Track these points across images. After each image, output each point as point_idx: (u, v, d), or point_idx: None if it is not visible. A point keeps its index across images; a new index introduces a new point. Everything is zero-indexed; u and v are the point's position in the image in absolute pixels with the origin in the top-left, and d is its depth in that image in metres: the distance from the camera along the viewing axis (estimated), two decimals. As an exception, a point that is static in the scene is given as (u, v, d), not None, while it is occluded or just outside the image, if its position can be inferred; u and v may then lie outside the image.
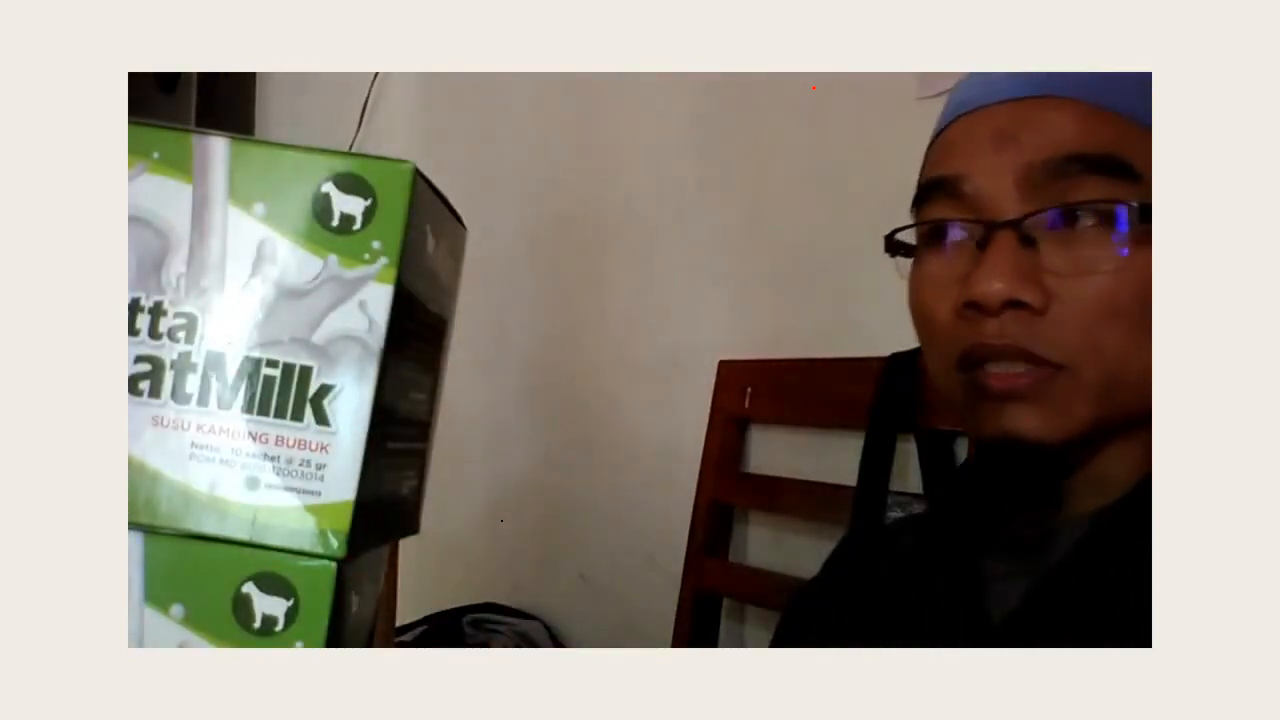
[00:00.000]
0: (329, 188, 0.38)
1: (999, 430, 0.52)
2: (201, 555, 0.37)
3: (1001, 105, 0.54)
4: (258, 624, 0.37)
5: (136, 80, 0.41)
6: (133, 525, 0.37)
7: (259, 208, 0.38)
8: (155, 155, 0.38)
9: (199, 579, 0.37)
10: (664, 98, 1.37)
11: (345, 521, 0.37)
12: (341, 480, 0.37)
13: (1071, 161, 0.51)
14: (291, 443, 0.37)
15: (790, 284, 1.21)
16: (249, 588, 0.37)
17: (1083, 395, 0.51)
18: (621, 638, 1.36)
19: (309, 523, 0.37)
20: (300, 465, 0.37)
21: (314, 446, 0.37)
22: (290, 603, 0.37)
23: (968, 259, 0.53)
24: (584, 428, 1.47)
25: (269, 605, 0.37)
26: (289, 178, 0.38)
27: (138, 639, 0.37)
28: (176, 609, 0.37)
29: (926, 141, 0.59)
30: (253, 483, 0.37)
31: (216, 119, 1.82)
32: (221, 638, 0.37)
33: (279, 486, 0.37)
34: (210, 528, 0.37)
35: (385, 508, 0.41)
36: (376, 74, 1.72)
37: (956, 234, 0.55)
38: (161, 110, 1.71)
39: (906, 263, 0.58)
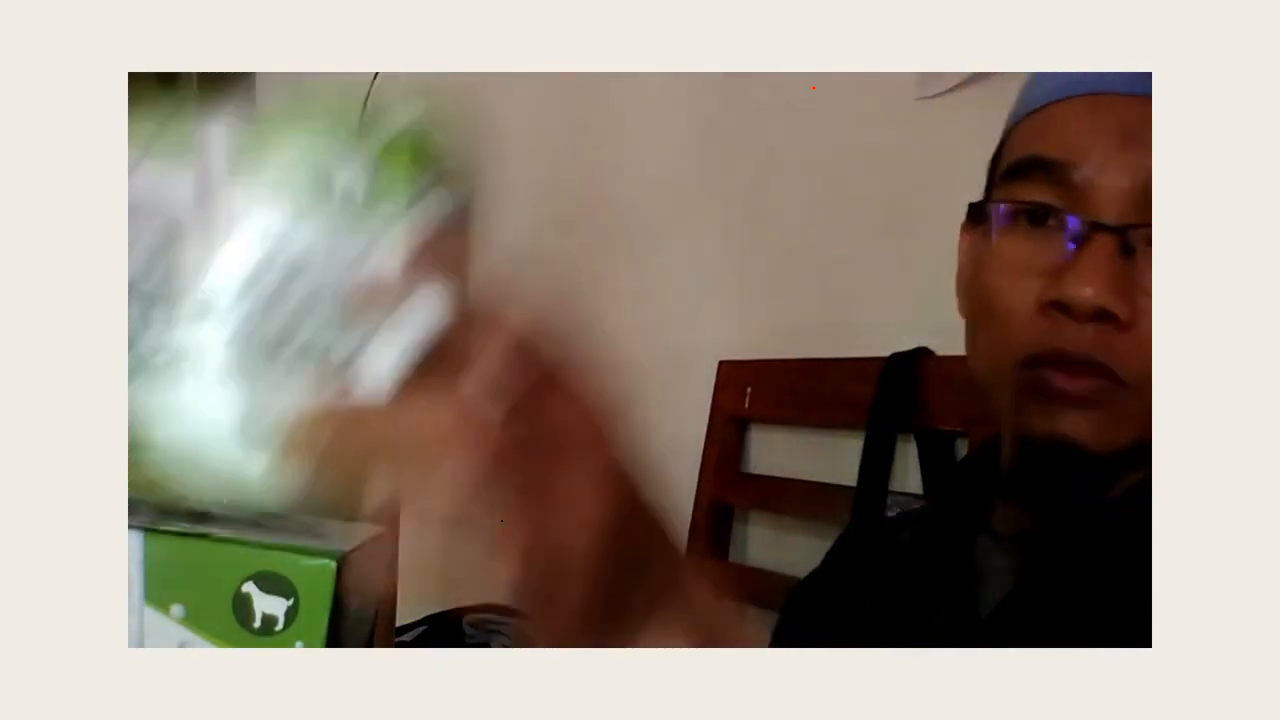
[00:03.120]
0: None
1: (1052, 431, 0.51)
2: (201, 555, 0.37)
3: (1125, 98, 0.51)
4: (258, 623, 0.37)
5: (136, 80, 0.41)
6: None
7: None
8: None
9: (199, 579, 0.37)
10: (664, 98, 1.37)
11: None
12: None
13: None
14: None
15: (790, 284, 1.21)
16: (249, 587, 0.37)
17: (1143, 414, 0.50)
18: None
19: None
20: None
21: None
22: (290, 602, 0.37)
23: (1056, 251, 0.51)
24: (584, 428, 1.47)
25: (269, 605, 0.37)
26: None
27: (138, 639, 0.37)
28: (176, 609, 0.37)
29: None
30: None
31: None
32: (221, 637, 0.37)
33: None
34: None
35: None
36: (376, 74, 1.72)
37: (1051, 222, 0.52)
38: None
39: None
